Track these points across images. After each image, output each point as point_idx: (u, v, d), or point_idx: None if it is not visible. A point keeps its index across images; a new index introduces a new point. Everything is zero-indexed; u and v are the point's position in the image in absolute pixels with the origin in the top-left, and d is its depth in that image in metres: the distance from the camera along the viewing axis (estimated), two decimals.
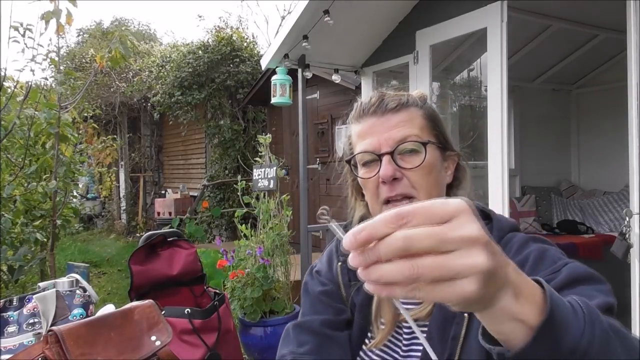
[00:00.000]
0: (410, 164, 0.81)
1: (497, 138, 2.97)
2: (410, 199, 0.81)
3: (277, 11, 28.16)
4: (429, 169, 0.82)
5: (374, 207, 0.86)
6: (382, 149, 0.82)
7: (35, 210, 3.03)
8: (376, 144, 0.83)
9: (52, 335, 1.03)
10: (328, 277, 0.97)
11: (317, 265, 1.02)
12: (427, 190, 0.81)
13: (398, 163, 0.81)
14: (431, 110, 0.88)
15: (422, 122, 0.85)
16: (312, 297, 0.97)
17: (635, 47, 2.37)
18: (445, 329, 0.76)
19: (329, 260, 1.00)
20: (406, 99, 0.86)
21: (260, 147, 4.04)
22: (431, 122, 0.86)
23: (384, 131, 0.83)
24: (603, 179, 5.19)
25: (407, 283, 0.39)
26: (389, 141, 0.82)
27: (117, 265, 6.87)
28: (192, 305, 1.88)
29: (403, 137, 0.82)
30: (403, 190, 0.81)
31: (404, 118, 0.84)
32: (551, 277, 0.67)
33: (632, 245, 2.29)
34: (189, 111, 7.82)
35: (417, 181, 0.81)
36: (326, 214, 0.56)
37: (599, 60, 5.04)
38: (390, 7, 3.74)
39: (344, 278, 0.94)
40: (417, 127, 0.84)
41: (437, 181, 0.84)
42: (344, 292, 0.93)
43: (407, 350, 0.84)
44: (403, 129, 0.82)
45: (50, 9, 2.70)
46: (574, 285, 0.65)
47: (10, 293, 2.84)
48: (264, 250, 3.53)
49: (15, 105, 2.84)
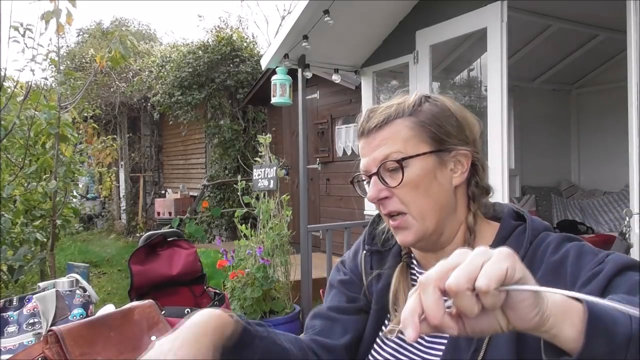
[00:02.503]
0: (395, 181, 0.82)
1: (497, 138, 2.97)
2: (402, 215, 0.83)
3: (277, 11, 28.17)
4: (415, 182, 0.82)
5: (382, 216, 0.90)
6: (371, 170, 0.84)
7: (35, 210, 3.03)
8: (366, 164, 0.85)
9: (52, 335, 1.03)
10: (350, 266, 1.00)
11: (344, 257, 1.06)
12: (416, 204, 0.82)
13: (386, 181, 0.83)
14: (427, 114, 0.84)
15: (408, 133, 0.83)
16: (331, 287, 1.01)
17: (635, 47, 2.37)
18: None
19: (355, 251, 1.03)
20: (393, 111, 0.84)
21: (260, 147, 4.05)
22: (422, 128, 0.83)
23: (370, 151, 0.85)
24: (603, 179, 5.19)
25: None
26: (374, 161, 0.84)
27: (117, 265, 6.87)
28: (192, 305, 1.88)
29: (384, 156, 0.83)
30: (393, 208, 0.83)
31: (386, 135, 0.83)
32: (598, 269, 0.68)
33: (632, 245, 2.29)
34: (189, 111, 7.82)
35: (404, 197, 0.82)
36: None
37: (599, 60, 5.04)
38: (390, 7, 3.74)
39: (366, 266, 0.97)
40: (401, 141, 0.82)
41: (429, 193, 0.82)
42: (365, 280, 0.96)
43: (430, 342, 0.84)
44: (385, 147, 0.83)
45: (50, 9, 2.70)
46: (623, 272, 0.67)
47: (10, 293, 2.84)
48: (264, 250, 3.53)
49: (15, 106, 2.84)
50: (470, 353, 0.75)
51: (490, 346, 0.74)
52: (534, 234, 0.82)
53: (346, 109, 5.96)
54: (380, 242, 0.97)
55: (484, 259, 0.49)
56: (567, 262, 0.74)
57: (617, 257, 0.70)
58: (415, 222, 0.82)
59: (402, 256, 0.93)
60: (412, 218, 0.83)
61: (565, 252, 0.76)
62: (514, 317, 0.50)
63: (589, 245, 0.78)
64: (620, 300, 0.52)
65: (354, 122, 5.79)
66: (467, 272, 0.48)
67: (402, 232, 0.84)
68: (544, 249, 0.78)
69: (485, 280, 0.47)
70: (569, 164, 5.58)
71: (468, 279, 0.48)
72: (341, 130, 6.05)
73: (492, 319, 0.50)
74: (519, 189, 5.18)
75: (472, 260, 0.49)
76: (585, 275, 0.69)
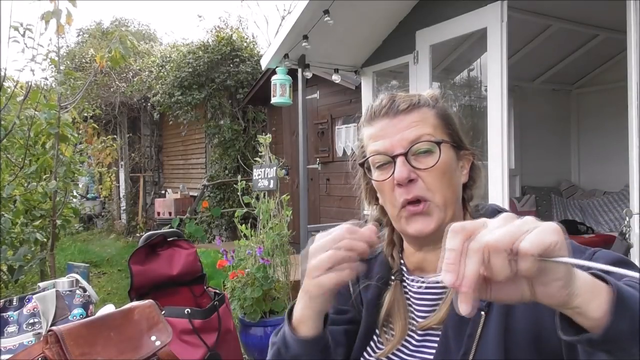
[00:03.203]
0: (424, 164, 0.80)
1: (497, 138, 2.97)
2: (425, 202, 0.80)
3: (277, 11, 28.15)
4: (443, 169, 0.81)
5: (390, 210, 0.85)
6: (396, 151, 0.81)
7: (35, 210, 3.03)
8: (389, 145, 0.81)
9: (52, 335, 1.03)
10: None
11: None
12: (441, 192, 0.80)
13: (412, 164, 0.80)
14: (444, 110, 0.86)
15: (435, 121, 0.83)
16: None
17: (635, 47, 2.37)
18: (462, 327, 0.76)
19: None
20: (417, 99, 0.85)
21: (260, 147, 4.04)
22: (444, 121, 0.85)
23: (396, 132, 0.82)
24: (603, 179, 5.19)
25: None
26: (402, 142, 0.81)
27: (117, 265, 6.87)
28: (192, 305, 1.88)
29: (416, 137, 0.80)
30: (418, 193, 0.80)
31: (416, 118, 0.82)
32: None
33: (632, 245, 2.29)
34: (189, 111, 7.82)
35: (431, 182, 0.80)
36: None
37: (599, 60, 5.04)
38: (390, 7, 3.74)
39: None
40: (430, 126, 0.82)
41: (452, 182, 0.82)
42: (351, 289, 0.93)
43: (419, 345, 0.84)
44: (416, 129, 0.81)
45: (50, 9, 2.70)
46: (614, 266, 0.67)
47: (10, 293, 2.84)
48: (264, 250, 3.53)
49: (15, 106, 2.84)
50: (460, 354, 0.75)
51: (479, 348, 0.74)
52: None
53: (346, 109, 5.96)
54: None
55: (531, 226, 0.49)
56: None
57: (604, 255, 0.70)
58: (438, 209, 0.80)
59: (393, 273, 0.90)
60: (435, 205, 0.80)
61: None
62: (542, 293, 0.50)
63: (574, 242, 0.77)
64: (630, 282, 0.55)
65: (354, 122, 5.79)
66: (512, 233, 0.48)
67: (424, 219, 0.80)
68: None
69: (528, 244, 0.47)
70: (569, 164, 5.58)
71: (512, 239, 0.48)
72: (341, 130, 6.06)
73: (518, 288, 0.50)
74: (519, 189, 5.18)
75: (521, 225, 0.49)
76: None
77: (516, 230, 0.48)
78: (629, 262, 0.69)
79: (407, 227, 0.82)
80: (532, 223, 0.49)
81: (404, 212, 0.81)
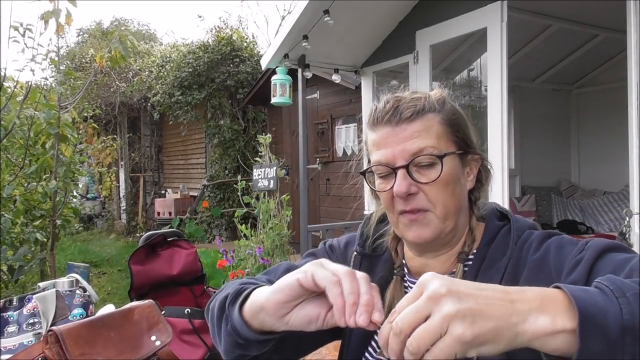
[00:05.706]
0: (426, 177, 0.78)
1: (497, 138, 2.97)
2: (425, 212, 0.79)
3: (277, 11, 28.17)
4: (446, 181, 0.79)
5: (390, 216, 0.84)
6: (397, 162, 0.79)
7: (35, 210, 3.03)
8: (390, 156, 0.79)
9: (52, 335, 1.03)
10: (340, 259, 0.95)
11: (333, 242, 1.00)
12: (443, 203, 0.79)
13: (414, 176, 0.78)
14: (451, 113, 0.83)
15: (440, 129, 0.80)
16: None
17: (635, 47, 2.37)
18: None
19: (347, 244, 0.98)
20: (422, 104, 0.81)
21: (260, 147, 4.05)
22: (451, 127, 0.82)
23: (398, 142, 0.79)
24: (603, 179, 5.18)
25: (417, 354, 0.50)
26: (403, 153, 0.78)
27: (117, 265, 6.86)
28: (192, 305, 1.88)
29: (418, 149, 0.78)
30: (418, 205, 0.79)
31: (419, 127, 0.79)
32: (580, 257, 0.68)
33: (632, 245, 2.29)
34: (189, 111, 7.83)
35: (433, 195, 0.79)
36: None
37: (599, 60, 5.04)
38: (390, 7, 3.74)
39: (355, 268, 0.91)
40: (434, 136, 0.79)
41: (455, 192, 0.81)
42: None
43: None
44: (418, 140, 0.78)
45: (50, 9, 2.70)
46: (603, 255, 0.66)
47: (10, 293, 2.84)
48: (264, 250, 3.53)
49: (15, 105, 2.84)
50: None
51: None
52: (518, 234, 0.81)
53: (346, 109, 5.96)
54: (369, 248, 0.93)
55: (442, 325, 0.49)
56: (549, 257, 0.74)
57: (597, 242, 0.70)
58: (437, 220, 0.79)
59: (395, 268, 0.89)
60: (435, 216, 0.79)
61: (546, 248, 0.76)
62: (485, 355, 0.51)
63: (569, 237, 0.78)
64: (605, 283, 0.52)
65: (354, 122, 5.79)
66: (420, 338, 0.50)
67: (420, 227, 0.80)
68: (527, 249, 0.78)
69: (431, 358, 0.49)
70: (569, 164, 5.58)
71: (418, 347, 0.50)
72: (341, 130, 6.06)
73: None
74: (519, 189, 5.18)
75: (429, 324, 0.50)
76: (569, 264, 0.69)
77: (422, 331, 0.50)
78: (620, 246, 0.68)
79: (406, 233, 0.82)
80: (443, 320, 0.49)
81: (402, 218, 0.81)
